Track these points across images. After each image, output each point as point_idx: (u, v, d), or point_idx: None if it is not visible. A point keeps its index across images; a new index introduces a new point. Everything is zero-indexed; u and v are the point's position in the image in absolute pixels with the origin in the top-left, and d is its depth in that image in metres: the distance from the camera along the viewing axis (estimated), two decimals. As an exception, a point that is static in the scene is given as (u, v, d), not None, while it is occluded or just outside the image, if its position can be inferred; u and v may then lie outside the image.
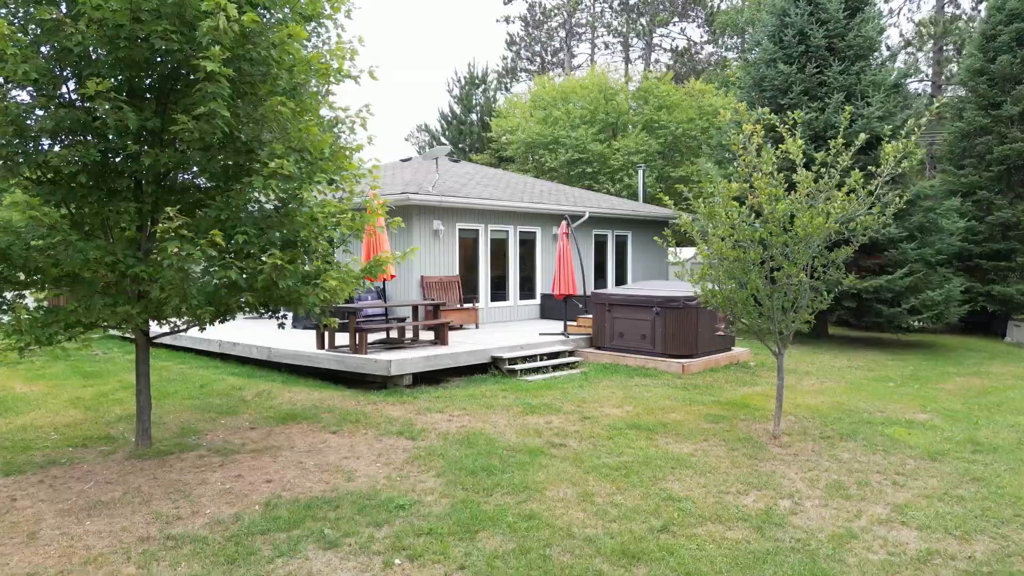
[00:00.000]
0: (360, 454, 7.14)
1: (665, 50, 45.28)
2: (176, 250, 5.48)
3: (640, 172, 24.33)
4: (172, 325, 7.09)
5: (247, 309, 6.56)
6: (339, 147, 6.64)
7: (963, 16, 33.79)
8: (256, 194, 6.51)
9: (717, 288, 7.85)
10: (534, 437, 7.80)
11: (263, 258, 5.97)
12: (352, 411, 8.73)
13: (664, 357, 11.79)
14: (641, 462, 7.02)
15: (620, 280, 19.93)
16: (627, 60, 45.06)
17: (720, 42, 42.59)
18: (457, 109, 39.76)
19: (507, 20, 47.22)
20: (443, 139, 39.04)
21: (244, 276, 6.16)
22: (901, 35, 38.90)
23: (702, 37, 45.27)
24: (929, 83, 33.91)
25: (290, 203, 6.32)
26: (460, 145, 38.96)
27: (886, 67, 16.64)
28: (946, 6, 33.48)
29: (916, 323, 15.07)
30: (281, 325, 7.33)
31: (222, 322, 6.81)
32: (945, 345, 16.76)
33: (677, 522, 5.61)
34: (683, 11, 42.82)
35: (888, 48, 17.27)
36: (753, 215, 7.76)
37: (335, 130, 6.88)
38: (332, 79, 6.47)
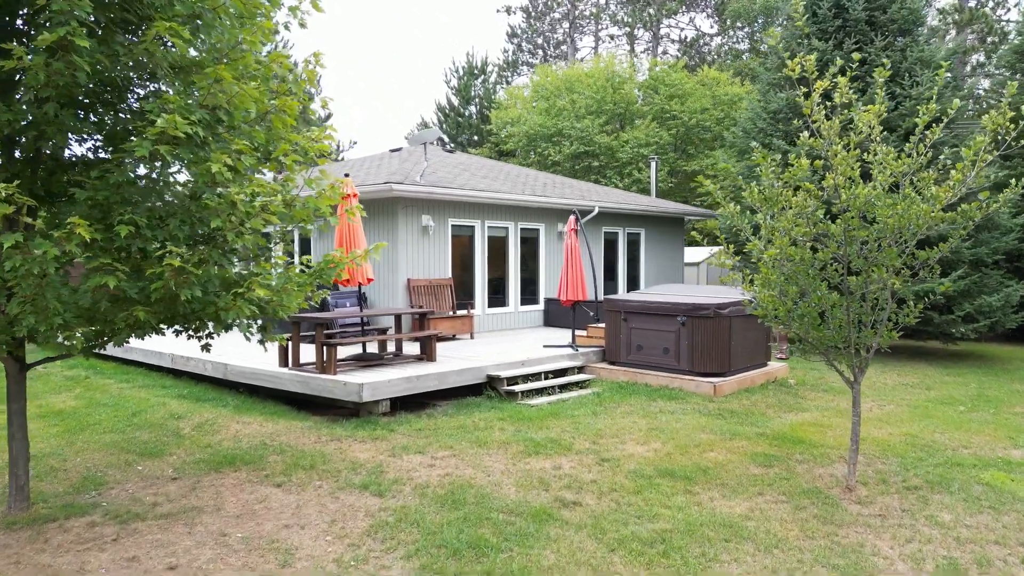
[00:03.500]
0: (307, 520, 5.35)
1: (673, 41, 43.50)
2: (13, 245, 3.69)
3: (652, 164, 22.46)
4: (58, 347, 5.29)
5: (147, 329, 4.77)
6: (275, 106, 4.85)
7: (991, 1, 31.97)
8: (163, 168, 4.74)
9: (779, 297, 6.04)
10: (539, 491, 6.01)
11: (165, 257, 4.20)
12: (308, 452, 6.93)
13: (691, 375, 9.99)
14: (683, 531, 5.23)
15: (632, 282, 18.13)
16: (633, 53, 43.24)
17: (731, 33, 40.77)
18: (455, 101, 37.91)
19: (508, 11, 45.17)
20: (440, 133, 37.20)
21: (138, 284, 4.39)
22: (921, 24, 37.08)
23: (712, 27, 43.43)
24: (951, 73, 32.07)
25: (201, 181, 4.53)
26: (458, 139, 37.13)
27: (932, 44, 14.83)
28: (971, -8, 31.67)
29: (971, 333, 13.23)
30: (205, 347, 5.55)
31: (117, 345, 5.02)
32: (997, 356, 14.95)
33: (748, 641, 3.83)
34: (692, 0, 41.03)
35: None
36: (818, 203, 5.97)
37: (271, 87, 5.09)
38: (260, 10, 4.66)
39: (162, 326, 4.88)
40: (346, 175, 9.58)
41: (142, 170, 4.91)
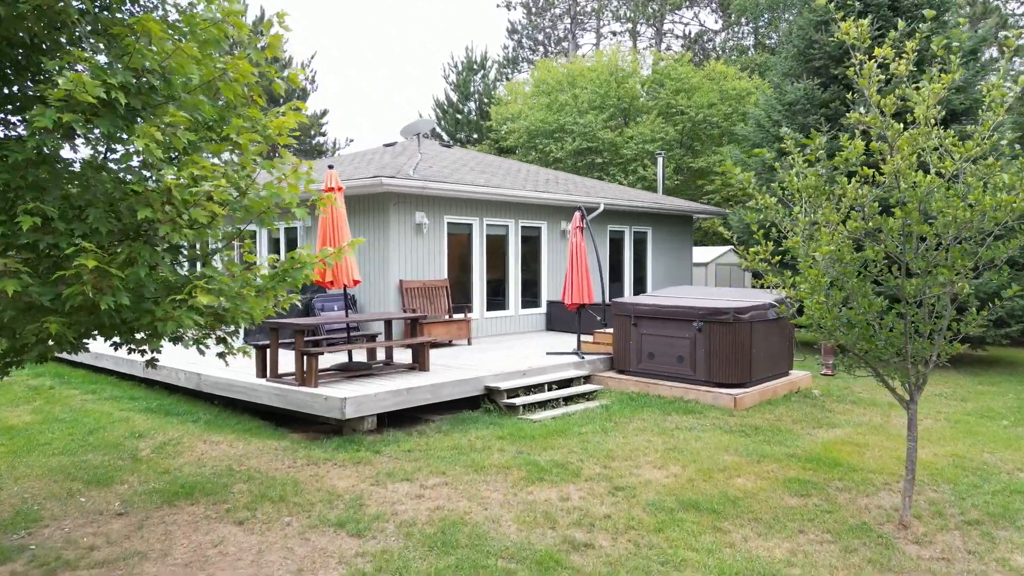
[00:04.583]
0: (268, 570, 4.49)
1: (676, 37, 42.63)
2: None
3: (659, 161, 21.58)
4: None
5: (64, 343, 3.91)
6: (224, 70, 3.99)
7: (1005, -7, 31.13)
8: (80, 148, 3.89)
9: (827, 303, 5.18)
10: (544, 529, 5.16)
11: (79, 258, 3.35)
12: (279, 479, 6.07)
13: (708, 386, 9.13)
14: (716, 583, 4.38)
15: (638, 284, 17.27)
16: (635, 50, 42.38)
17: (735, 28, 39.89)
18: (454, 97, 37.00)
19: (508, 6, 44.33)
20: (438, 129, 36.33)
21: (52, 289, 3.55)
22: (930, 19, 36.18)
23: (716, 23, 42.57)
24: (964, 69, 31.21)
25: (125, 163, 3.68)
26: (457, 136, 36.23)
27: (959, 30, 13.96)
28: (986, -16, 30.82)
29: (1003, 338, 12.39)
30: (150, 362, 4.70)
31: (34, 362, 4.16)
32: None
33: None
34: (696, -6, 40.19)
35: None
36: (874, 192, 5.14)
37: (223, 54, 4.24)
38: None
39: (97, 337, 4.04)
40: (330, 167, 8.74)
41: (69, 152, 4.10)
